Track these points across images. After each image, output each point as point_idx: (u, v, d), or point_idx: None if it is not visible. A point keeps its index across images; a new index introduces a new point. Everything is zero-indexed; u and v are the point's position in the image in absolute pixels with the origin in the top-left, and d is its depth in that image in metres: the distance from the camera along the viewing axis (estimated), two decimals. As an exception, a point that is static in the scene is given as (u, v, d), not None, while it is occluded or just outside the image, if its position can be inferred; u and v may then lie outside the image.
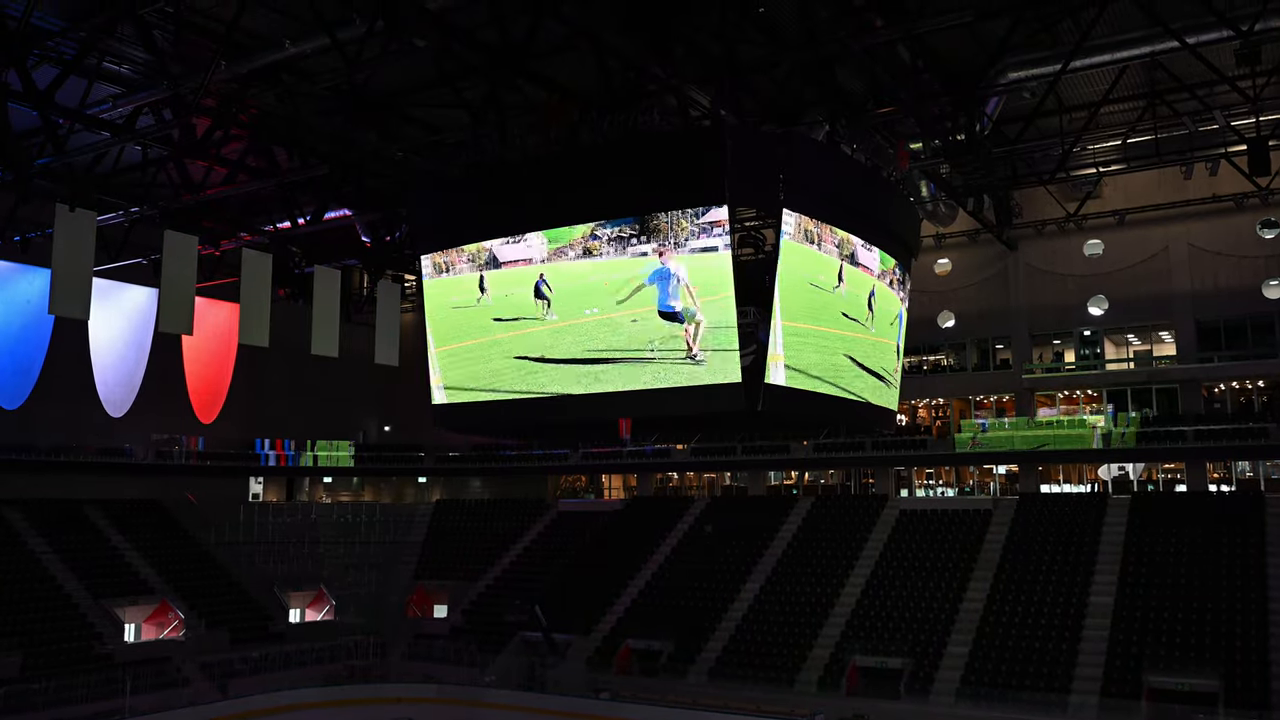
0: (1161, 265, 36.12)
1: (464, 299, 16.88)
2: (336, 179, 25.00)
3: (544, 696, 32.23)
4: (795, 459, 41.26)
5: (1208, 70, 21.33)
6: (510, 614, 37.03)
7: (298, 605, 40.88)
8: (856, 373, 16.92)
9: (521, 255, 15.67)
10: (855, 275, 16.39)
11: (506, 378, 16.30)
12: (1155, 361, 36.96)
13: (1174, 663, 26.58)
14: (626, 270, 14.53)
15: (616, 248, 14.52)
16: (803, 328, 15.07)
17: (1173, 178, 34.55)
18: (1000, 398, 39.81)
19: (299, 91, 20.81)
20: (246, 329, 25.40)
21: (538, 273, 15.53)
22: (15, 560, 34.61)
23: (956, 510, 37.09)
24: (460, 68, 19.88)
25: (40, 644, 30.77)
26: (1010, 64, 20.42)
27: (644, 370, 14.57)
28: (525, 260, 15.64)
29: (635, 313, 14.66)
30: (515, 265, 15.81)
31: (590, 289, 15.04)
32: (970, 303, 39.53)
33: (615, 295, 14.69)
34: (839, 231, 15.53)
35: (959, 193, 28.50)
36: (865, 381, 17.29)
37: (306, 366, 33.43)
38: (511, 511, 46.79)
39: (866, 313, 16.90)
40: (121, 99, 19.21)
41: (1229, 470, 35.59)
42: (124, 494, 40.76)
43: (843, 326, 16.41)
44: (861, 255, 16.47)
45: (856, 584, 34.28)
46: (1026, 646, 29.14)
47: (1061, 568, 31.98)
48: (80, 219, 21.87)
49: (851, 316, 16.54)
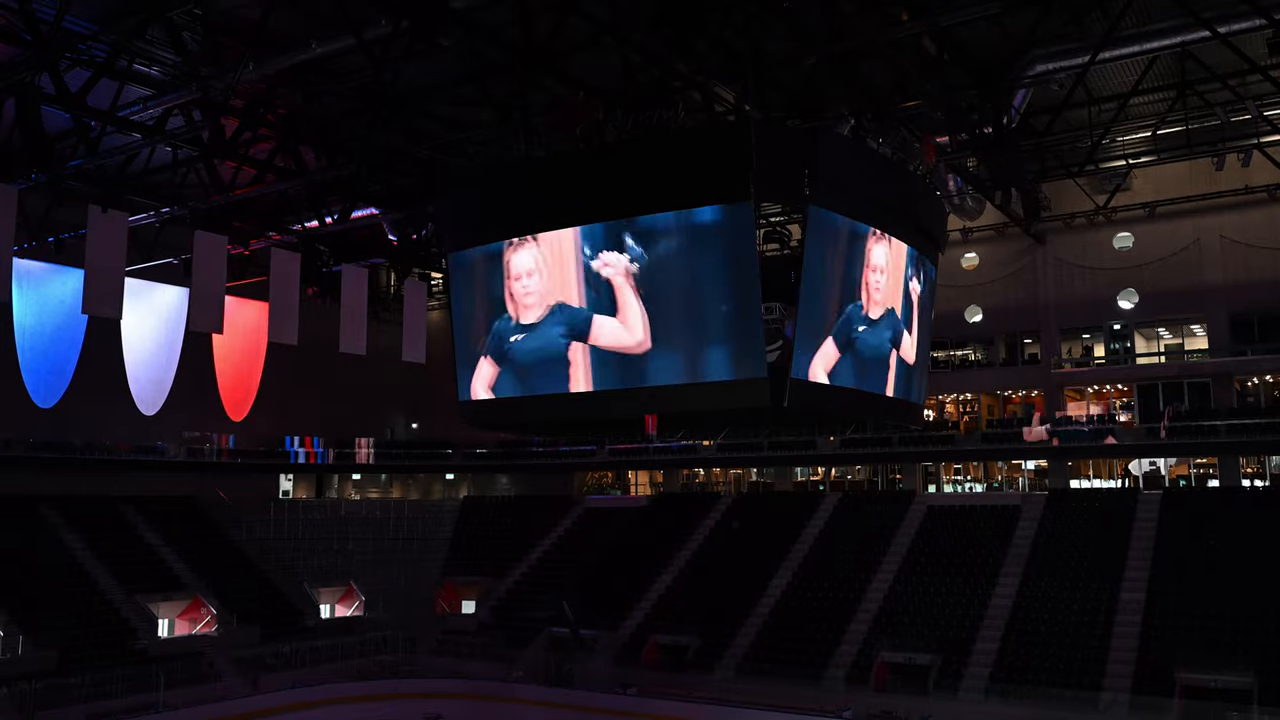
0: (1193, 257, 35.67)
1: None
2: (363, 178, 25.15)
3: (571, 692, 32.33)
4: (822, 455, 41.12)
5: (1240, 59, 21.06)
6: (537, 610, 37.18)
7: (327, 601, 41.23)
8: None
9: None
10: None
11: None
12: (1187, 355, 36.54)
13: (1207, 660, 26.23)
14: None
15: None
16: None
17: (1204, 169, 34.07)
18: (1029, 393, 39.47)
19: (326, 91, 20.98)
20: (276, 327, 25.65)
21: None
22: (51, 556, 35.10)
23: (985, 506, 36.85)
24: (485, 66, 19.97)
25: (76, 639, 31.18)
26: (1038, 56, 20.27)
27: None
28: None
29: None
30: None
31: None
32: (998, 297, 39.21)
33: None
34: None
35: (986, 186, 28.30)
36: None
37: (335, 364, 33.70)
38: (538, 508, 46.96)
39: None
40: (152, 100, 19.43)
41: (1263, 465, 35.10)
42: (157, 491, 41.22)
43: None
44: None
45: (884, 580, 34.14)
46: (1056, 643, 28.89)
47: (1092, 564, 31.67)
48: (112, 220, 22.15)
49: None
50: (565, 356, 15.13)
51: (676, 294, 14.24)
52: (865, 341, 16.07)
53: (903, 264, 17.06)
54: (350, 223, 26.93)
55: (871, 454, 40.26)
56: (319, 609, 39.97)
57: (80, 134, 21.00)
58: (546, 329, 15.32)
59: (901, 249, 16.85)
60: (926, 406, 36.52)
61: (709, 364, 14.12)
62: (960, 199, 29.61)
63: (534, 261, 15.39)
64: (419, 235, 29.51)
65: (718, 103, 19.56)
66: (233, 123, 22.42)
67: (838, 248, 15.08)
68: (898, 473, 41.52)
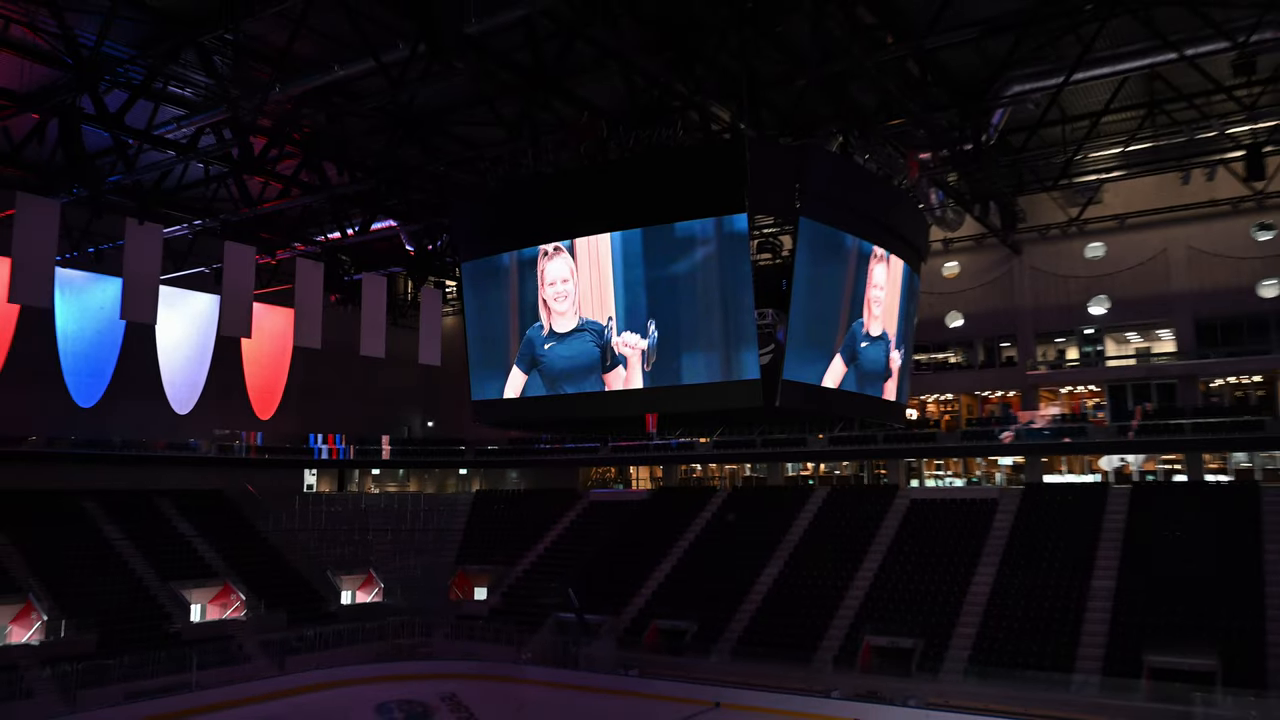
0: (1160, 266, 35.64)
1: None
2: (382, 193, 25.19)
3: (577, 673, 32.33)
4: (811, 451, 41.09)
5: (1205, 80, 21.03)
6: (544, 596, 37.16)
7: (349, 588, 41.22)
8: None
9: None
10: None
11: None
12: (1154, 358, 36.50)
13: (1173, 644, 26.20)
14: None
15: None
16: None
17: (1171, 183, 34.09)
18: (1006, 393, 39.42)
19: (348, 111, 20.98)
20: (301, 332, 25.68)
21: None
22: (92, 546, 35.15)
23: (964, 500, 36.80)
24: (496, 88, 19.97)
25: (115, 623, 31.19)
26: (1015, 77, 20.21)
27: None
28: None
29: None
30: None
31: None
32: (977, 303, 39.20)
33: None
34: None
35: (966, 199, 28.24)
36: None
37: (356, 366, 33.75)
38: (546, 501, 46.94)
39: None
40: (185, 120, 19.43)
41: (1225, 461, 35.03)
42: (190, 485, 41.27)
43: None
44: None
45: (869, 568, 34.09)
46: (1031, 628, 28.86)
47: (1065, 553, 31.64)
48: (148, 231, 22.21)
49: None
50: (595, 364, 15.13)
51: (683, 306, 14.24)
52: (867, 355, 16.12)
53: (900, 282, 17.07)
54: (370, 234, 26.97)
55: (858, 450, 40.24)
56: (341, 595, 39.98)
57: (118, 152, 21.04)
58: (579, 339, 15.32)
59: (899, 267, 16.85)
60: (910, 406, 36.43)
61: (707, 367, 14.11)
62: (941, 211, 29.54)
63: (569, 271, 15.34)
64: (434, 246, 29.52)
65: (714, 121, 19.56)
66: (261, 141, 22.45)
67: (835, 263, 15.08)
68: (882, 468, 41.48)
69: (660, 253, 14.29)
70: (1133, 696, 24.93)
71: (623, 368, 14.77)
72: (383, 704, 29.54)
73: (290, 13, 16.86)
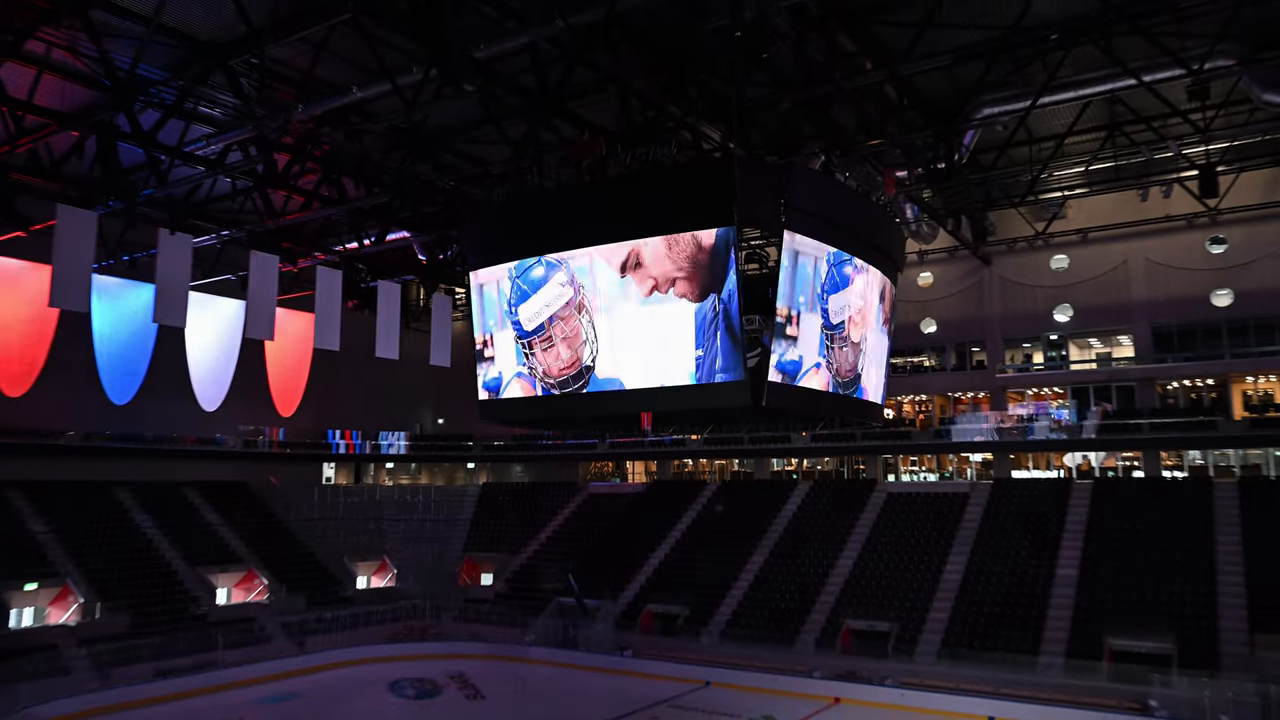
0: (1120, 277, 35.73)
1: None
2: (397, 206, 25.17)
3: (576, 653, 32.34)
4: (795, 448, 41.12)
5: (1162, 104, 21.12)
6: (546, 582, 37.14)
7: (364, 573, 41.20)
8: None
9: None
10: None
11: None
12: (1115, 362, 36.56)
13: (1132, 628, 26.25)
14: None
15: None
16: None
17: (1130, 200, 34.17)
18: (976, 394, 39.48)
19: (365, 130, 20.99)
20: (320, 335, 25.66)
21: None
22: (125, 534, 35.12)
23: (937, 493, 36.85)
24: (503, 109, 19.97)
25: (146, 605, 31.17)
26: (985, 101, 20.27)
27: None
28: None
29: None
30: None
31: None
32: (949, 311, 39.25)
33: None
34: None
35: (939, 214, 28.33)
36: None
37: (371, 367, 33.72)
38: (548, 493, 46.91)
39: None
40: (213, 138, 19.44)
41: (1181, 459, 35.11)
42: (216, 477, 41.23)
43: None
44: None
45: (849, 557, 34.12)
46: (999, 613, 28.91)
47: (1031, 544, 31.68)
48: (179, 241, 22.18)
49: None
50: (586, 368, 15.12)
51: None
52: (846, 357, 16.11)
53: (876, 292, 17.09)
54: (385, 244, 26.96)
55: (838, 447, 40.29)
56: (356, 580, 39.96)
57: (152, 167, 21.02)
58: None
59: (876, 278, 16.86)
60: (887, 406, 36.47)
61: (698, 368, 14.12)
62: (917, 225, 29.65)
63: (562, 286, 15.33)
64: (444, 256, 29.53)
65: (705, 141, 19.58)
66: (284, 157, 22.44)
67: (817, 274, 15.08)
68: (861, 464, 41.51)
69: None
70: (1094, 677, 24.99)
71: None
72: (395, 682, 29.51)
73: (312, 39, 16.89)
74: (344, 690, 28.56)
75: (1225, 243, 33.87)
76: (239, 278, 28.25)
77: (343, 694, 28.09)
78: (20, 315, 24.51)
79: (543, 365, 15.67)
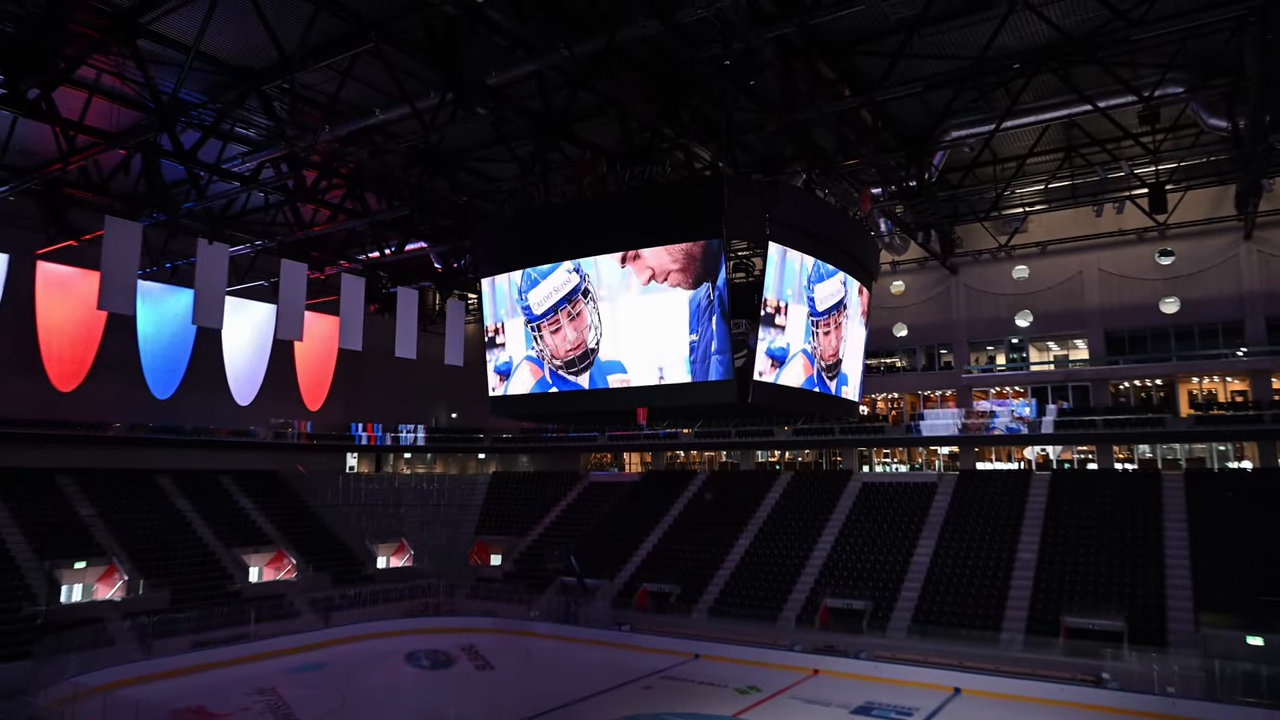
0: (1076, 286, 35.79)
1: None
2: (415, 219, 25.22)
3: (577, 628, 32.37)
4: (778, 441, 41.15)
5: (1116, 128, 21.24)
6: (550, 563, 37.17)
7: (384, 554, 41.18)
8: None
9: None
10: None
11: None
12: (1071, 364, 36.63)
13: (1086, 607, 26.34)
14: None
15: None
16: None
17: (1086, 215, 34.24)
18: (944, 393, 39.55)
19: (386, 149, 21.03)
20: (345, 336, 25.69)
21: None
22: (166, 517, 35.10)
23: (908, 483, 36.87)
24: (512, 130, 20.05)
25: (185, 582, 31.16)
26: (953, 125, 20.36)
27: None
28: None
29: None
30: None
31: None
32: (919, 316, 39.31)
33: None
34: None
35: (911, 228, 28.38)
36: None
37: (391, 366, 33.74)
38: (552, 481, 46.93)
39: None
40: (248, 156, 19.49)
41: (1132, 452, 35.19)
42: (249, 466, 41.21)
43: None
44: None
45: (827, 541, 34.17)
46: (965, 593, 28.96)
47: (994, 530, 31.75)
48: (216, 250, 22.22)
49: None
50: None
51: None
52: (830, 343, 16.17)
53: (856, 285, 17.16)
54: (404, 254, 26.99)
55: (818, 440, 40.31)
56: (377, 560, 39.94)
57: (192, 182, 21.06)
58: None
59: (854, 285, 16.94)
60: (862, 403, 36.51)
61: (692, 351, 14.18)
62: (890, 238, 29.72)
63: (569, 273, 15.37)
64: (458, 264, 29.55)
65: (697, 160, 19.64)
66: (312, 174, 22.48)
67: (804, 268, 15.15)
68: (838, 456, 41.54)
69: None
70: (1052, 652, 25.06)
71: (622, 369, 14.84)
72: (412, 653, 29.54)
73: (338, 66, 16.98)
74: (365, 661, 28.59)
75: (1173, 255, 33.96)
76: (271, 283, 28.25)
77: (364, 664, 28.11)
78: (71, 317, 24.57)
79: (550, 347, 15.73)
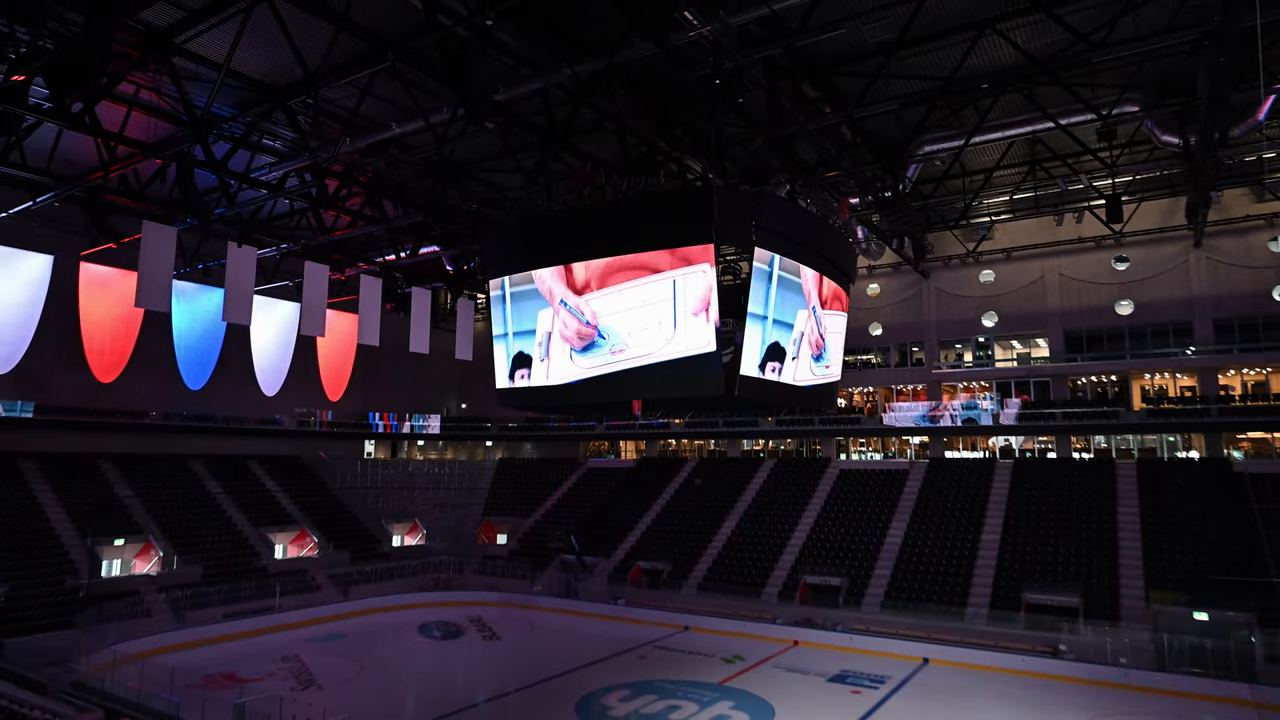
0: (1038, 290, 35.87)
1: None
2: (429, 224, 25.20)
3: (576, 602, 32.46)
4: (762, 430, 41.20)
5: (1076, 144, 21.26)
6: (552, 542, 37.24)
7: (399, 533, 41.23)
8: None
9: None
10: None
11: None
12: (1033, 360, 36.73)
13: (1045, 584, 26.48)
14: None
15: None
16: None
17: (1048, 224, 34.33)
18: (915, 387, 39.65)
19: (402, 160, 21.02)
20: (363, 332, 25.68)
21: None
22: (198, 498, 35.08)
23: (882, 470, 36.99)
24: (519, 143, 20.03)
25: (215, 558, 31.17)
26: (925, 140, 20.38)
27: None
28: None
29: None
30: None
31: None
32: (893, 317, 39.37)
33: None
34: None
35: (886, 235, 28.42)
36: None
37: (406, 360, 33.77)
38: (554, 467, 46.95)
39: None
40: (275, 166, 19.47)
41: (1088, 442, 35.33)
42: (274, 451, 41.19)
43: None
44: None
45: (807, 523, 34.27)
46: (933, 571, 29.08)
47: (960, 513, 31.87)
48: (245, 252, 22.18)
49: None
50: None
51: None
52: (808, 354, 16.21)
53: (838, 300, 17.17)
54: (418, 257, 27.00)
55: (798, 430, 40.38)
56: (392, 539, 39.97)
57: (222, 190, 21.03)
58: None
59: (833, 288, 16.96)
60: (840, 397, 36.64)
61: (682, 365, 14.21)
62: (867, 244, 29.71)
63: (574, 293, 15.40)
64: (468, 267, 29.55)
65: (689, 172, 19.68)
66: (334, 183, 22.47)
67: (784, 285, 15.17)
68: (817, 445, 41.64)
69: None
70: (1013, 625, 25.23)
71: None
72: (424, 624, 29.61)
73: (358, 83, 16.94)
74: (381, 631, 28.65)
75: (1128, 261, 34.05)
76: (295, 284, 28.27)
77: (380, 634, 28.18)
78: (111, 314, 24.53)
79: (554, 337, 15.72)
